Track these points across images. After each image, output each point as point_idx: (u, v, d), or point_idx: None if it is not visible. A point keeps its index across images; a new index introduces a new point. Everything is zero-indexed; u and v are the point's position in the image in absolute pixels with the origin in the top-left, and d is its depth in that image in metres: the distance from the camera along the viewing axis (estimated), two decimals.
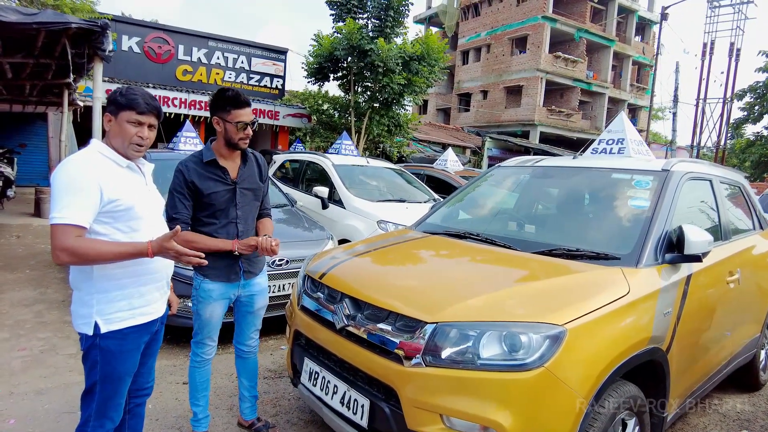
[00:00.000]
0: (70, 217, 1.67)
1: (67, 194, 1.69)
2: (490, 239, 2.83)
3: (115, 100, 1.85)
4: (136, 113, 1.84)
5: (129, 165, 1.90)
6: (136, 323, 1.89)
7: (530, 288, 2.23)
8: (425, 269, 2.63)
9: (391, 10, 14.31)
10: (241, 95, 2.42)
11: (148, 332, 1.98)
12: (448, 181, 8.72)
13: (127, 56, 14.35)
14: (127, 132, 1.85)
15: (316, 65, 14.91)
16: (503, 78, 28.66)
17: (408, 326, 2.05)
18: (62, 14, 4.21)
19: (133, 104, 1.83)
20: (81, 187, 1.70)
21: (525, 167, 3.69)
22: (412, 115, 16.94)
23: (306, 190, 7.12)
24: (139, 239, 1.83)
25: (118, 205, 1.79)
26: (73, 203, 1.68)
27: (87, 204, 1.71)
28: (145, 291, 1.93)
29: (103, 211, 1.77)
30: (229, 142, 2.45)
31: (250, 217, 2.60)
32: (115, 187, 1.78)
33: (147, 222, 1.90)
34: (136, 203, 1.85)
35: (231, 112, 2.40)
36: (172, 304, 2.22)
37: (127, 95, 1.85)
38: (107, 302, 1.82)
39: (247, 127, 2.42)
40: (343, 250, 3.03)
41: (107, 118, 1.88)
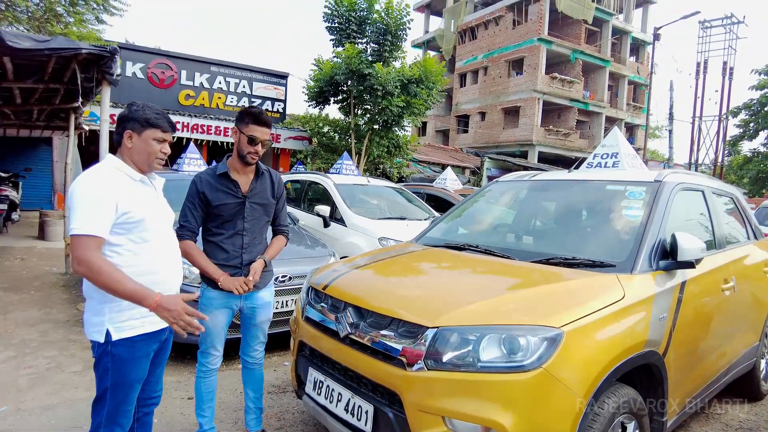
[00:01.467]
0: (90, 229, 1.75)
1: (86, 206, 1.77)
2: (489, 250, 2.90)
3: (140, 117, 1.96)
4: (162, 131, 1.98)
5: (142, 179, 1.99)
6: (145, 331, 1.95)
7: (528, 293, 2.29)
8: (426, 279, 2.70)
9: (389, 35, 14.62)
10: (264, 114, 2.57)
11: (157, 340, 2.05)
12: (447, 199, 8.83)
13: (131, 82, 14.62)
14: (153, 148, 1.98)
15: (316, 89, 15.19)
16: (501, 99, 29.05)
17: (410, 332, 2.11)
18: (73, 41, 4.37)
19: (159, 124, 1.97)
20: (99, 200, 1.79)
21: (522, 181, 3.78)
22: (411, 137, 17.16)
23: (308, 209, 7.22)
24: (149, 249, 1.93)
25: (131, 217, 1.87)
26: (92, 215, 1.76)
27: (104, 216, 1.79)
28: None
29: (117, 223, 1.85)
30: (239, 154, 2.56)
31: (257, 230, 2.69)
32: (129, 200, 1.87)
33: (157, 233, 1.98)
34: (147, 215, 1.93)
35: (248, 125, 2.53)
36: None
37: (149, 115, 1.97)
38: (118, 311, 1.89)
39: (258, 144, 2.53)
40: (346, 262, 3.10)
41: (128, 134, 1.97)
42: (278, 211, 2.83)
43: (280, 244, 2.85)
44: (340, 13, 14.69)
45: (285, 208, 2.90)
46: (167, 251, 2.05)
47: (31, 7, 10.23)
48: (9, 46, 4.07)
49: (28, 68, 5.22)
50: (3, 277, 6.88)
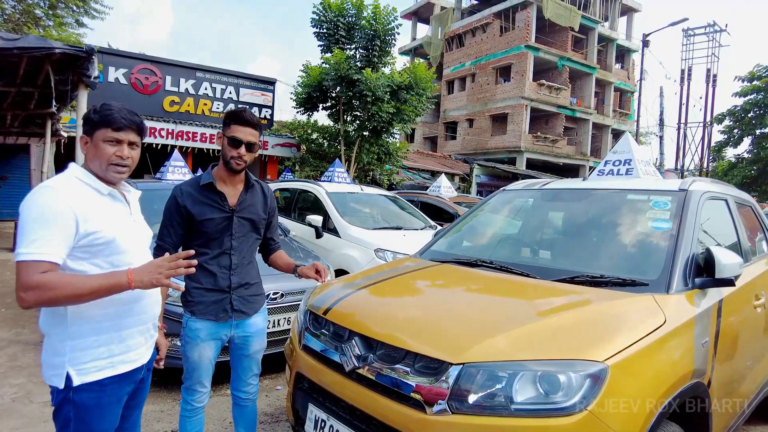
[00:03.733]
0: (40, 253, 1.43)
1: (36, 226, 1.45)
2: (505, 267, 2.63)
3: (89, 118, 1.64)
4: (112, 130, 1.62)
5: (111, 192, 1.67)
6: (116, 373, 1.63)
7: (561, 320, 2.01)
8: (441, 302, 2.41)
9: (378, 40, 14.40)
10: (247, 113, 2.24)
11: (131, 382, 1.72)
12: (442, 207, 8.57)
13: (113, 87, 14.17)
14: (104, 152, 1.62)
15: (304, 95, 14.91)
16: (489, 106, 29.01)
17: (429, 368, 1.82)
18: (45, 39, 4.04)
19: (108, 120, 1.61)
20: (53, 218, 1.46)
21: (532, 190, 3.53)
22: (401, 144, 16.93)
23: (298, 219, 6.90)
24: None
25: (97, 238, 1.55)
26: (43, 236, 1.44)
27: (60, 237, 1.47)
28: (127, 335, 1.67)
29: (78, 246, 1.53)
30: (223, 159, 2.26)
31: (246, 249, 2.37)
32: (93, 218, 1.55)
33: (131, 257, 1.66)
34: (117, 235, 1.61)
35: (230, 126, 2.22)
36: (160, 348, 1.97)
37: (102, 111, 1.63)
38: (82, 349, 1.56)
39: (242, 147, 2.21)
40: (347, 281, 2.81)
41: (83, 140, 1.66)
42: (273, 227, 2.53)
43: (285, 254, 2.59)
44: (329, 18, 14.44)
45: (277, 224, 2.60)
46: None
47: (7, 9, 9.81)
48: None
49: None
50: None
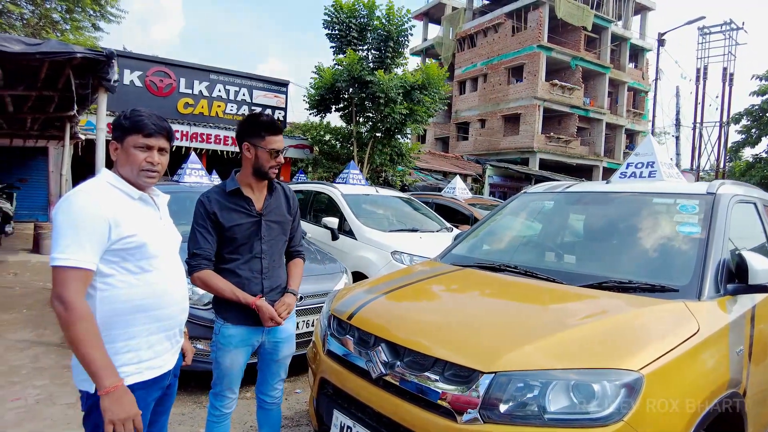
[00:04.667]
0: (75, 259, 1.45)
1: (71, 231, 1.47)
2: (530, 272, 2.60)
3: (120, 124, 1.64)
4: (143, 136, 1.64)
5: (142, 197, 1.68)
6: (143, 378, 1.63)
7: (592, 328, 1.98)
8: (468, 308, 2.37)
9: (391, 41, 14.39)
10: (276, 121, 2.28)
11: (159, 388, 1.72)
12: (458, 208, 8.53)
13: (128, 90, 14.31)
14: (136, 158, 1.64)
15: (317, 97, 14.93)
16: (501, 107, 28.87)
17: (460, 376, 1.80)
18: (67, 44, 4.07)
19: (140, 126, 1.63)
20: (87, 223, 1.48)
21: (554, 193, 3.48)
22: (413, 145, 16.90)
23: (314, 221, 6.90)
24: (149, 281, 1.62)
25: (129, 242, 1.56)
26: (77, 242, 1.46)
27: (93, 242, 1.49)
28: (155, 341, 1.67)
29: (110, 249, 1.54)
30: (258, 171, 2.26)
31: (276, 252, 2.38)
32: (125, 222, 1.56)
33: (161, 261, 1.67)
34: (149, 240, 1.62)
35: (265, 138, 2.22)
36: (186, 354, 1.96)
37: (132, 117, 1.64)
38: (111, 354, 1.55)
39: (279, 155, 2.26)
40: (370, 286, 2.79)
41: (113, 146, 1.67)
42: (294, 229, 2.52)
43: (301, 268, 2.53)
44: (341, 20, 14.46)
45: (300, 227, 2.59)
46: (172, 282, 1.72)
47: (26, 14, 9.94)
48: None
49: (20, 74, 4.92)
50: None
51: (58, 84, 4.96)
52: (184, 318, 1.81)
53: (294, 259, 2.54)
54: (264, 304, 2.21)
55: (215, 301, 2.32)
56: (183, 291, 1.79)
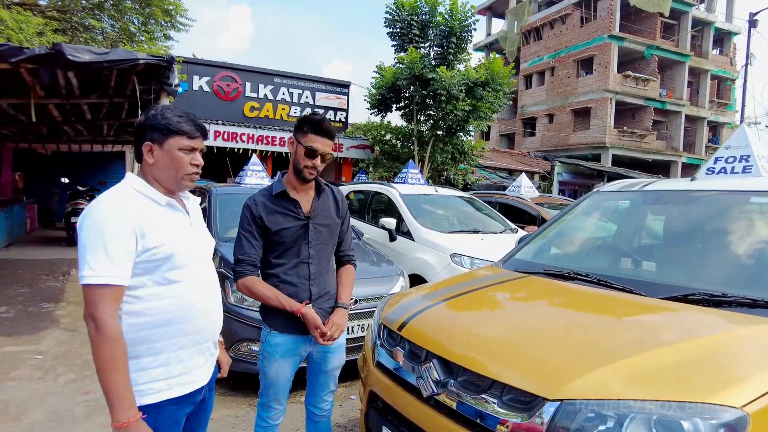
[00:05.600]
0: (105, 274, 1.36)
1: (99, 245, 1.37)
2: (604, 281, 2.31)
3: (159, 124, 1.53)
4: (188, 138, 1.55)
5: (169, 203, 1.57)
6: (173, 395, 1.53)
7: (680, 350, 1.69)
8: (532, 322, 2.13)
9: (453, 37, 14.10)
10: (326, 123, 2.14)
11: (191, 403, 1.62)
12: (523, 208, 8.13)
13: (197, 95, 14.97)
14: (181, 161, 1.54)
15: (378, 96, 14.91)
16: (570, 101, 27.64)
17: (521, 401, 1.58)
18: (131, 51, 4.22)
19: (184, 129, 1.54)
20: (115, 235, 1.38)
21: (630, 192, 3.14)
22: (477, 142, 16.48)
23: (372, 221, 6.81)
24: (178, 292, 1.51)
25: (155, 253, 1.46)
26: (107, 256, 1.37)
27: (123, 256, 1.39)
28: (185, 356, 1.56)
29: (137, 261, 1.44)
30: (295, 167, 2.15)
31: (324, 257, 2.26)
32: (152, 232, 1.46)
33: (190, 271, 1.56)
34: (177, 250, 1.51)
35: (307, 134, 2.12)
36: (222, 365, 1.85)
37: (171, 118, 1.53)
38: (138, 370, 1.47)
39: (317, 157, 2.11)
40: (424, 293, 2.61)
41: (147, 147, 1.55)
42: (343, 233, 2.38)
43: (352, 276, 2.38)
44: (402, 17, 14.35)
45: (350, 230, 2.44)
46: (203, 292, 1.61)
47: (107, 29, 10.57)
48: (69, 60, 3.94)
49: (93, 83, 5.16)
50: (74, 291, 6.95)
51: (126, 91, 5.17)
52: (216, 330, 1.70)
53: (345, 265, 2.40)
54: (309, 312, 2.09)
55: (262, 308, 2.24)
56: (214, 301, 1.67)
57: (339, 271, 2.39)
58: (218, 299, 1.70)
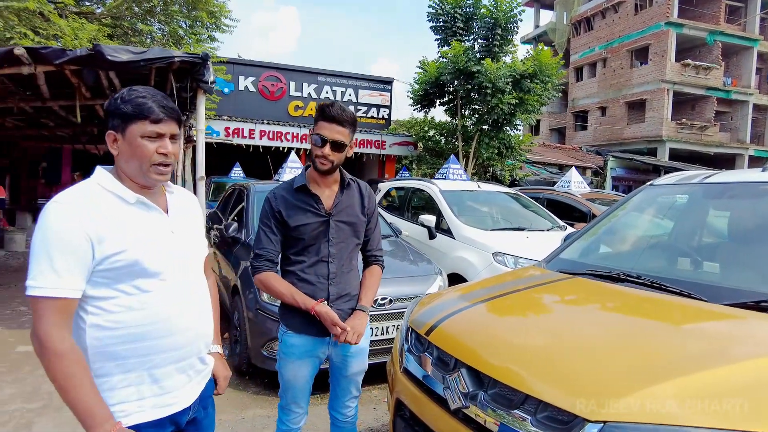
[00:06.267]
0: (48, 286, 1.20)
1: (43, 253, 1.21)
2: (658, 283, 2.06)
3: (118, 109, 1.31)
4: (151, 122, 1.31)
5: (140, 200, 1.36)
6: (146, 419, 1.33)
7: (752, 369, 1.44)
8: (575, 329, 1.91)
9: (499, 29, 13.68)
10: (335, 108, 1.97)
11: (173, 425, 1.43)
12: (573, 205, 7.72)
13: (243, 95, 15.25)
14: (144, 150, 1.32)
15: (421, 92, 14.69)
16: (623, 92, 26.42)
17: (557, 420, 1.39)
18: (167, 50, 4.25)
19: (145, 111, 1.30)
20: (62, 242, 1.21)
21: (689, 185, 2.83)
22: (524, 136, 15.96)
23: (412, 218, 6.64)
24: (151, 303, 1.32)
25: (117, 260, 1.26)
26: (51, 266, 1.20)
27: (71, 265, 1.22)
28: (161, 375, 1.36)
29: (97, 270, 1.26)
30: (311, 160, 2.03)
31: (346, 256, 2.12)
32: (111, 237, 1.26)
33: (165, 280, 1.36)
34: (144, 256, 1.30)
35: (317, 122, 1.99)
36: (218, 380, 1.65)
37: (133, 100, 1.31)
38: (107, 390, 1.29)
39: (326, 146, 1.96)
40: (457, 294, 2.43)
41: (110, 137, 1.34)
42: (370, 231, 2.22)
43: (377, 278, 2.22)
44: (445, 11, 14.07)
45: (378, 229, 2.28)
46: (182, 303, 1.40)
47: (156, 33, 10.89)
48: (109, 60, 4.00)
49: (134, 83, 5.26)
50: None
51: (165, 90, 5.24)
52: (202, 346, 1.48)
53: (370, 266, 2.25)
54: (324, 309, 1.96)
55: (280, 306, 2.13)
56: (199, 313, 1.46)
57: (364, 272, 2.24)
58: (205, 310, 1.50)
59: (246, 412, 3.46)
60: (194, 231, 1.54)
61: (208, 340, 1.52)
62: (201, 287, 1.51)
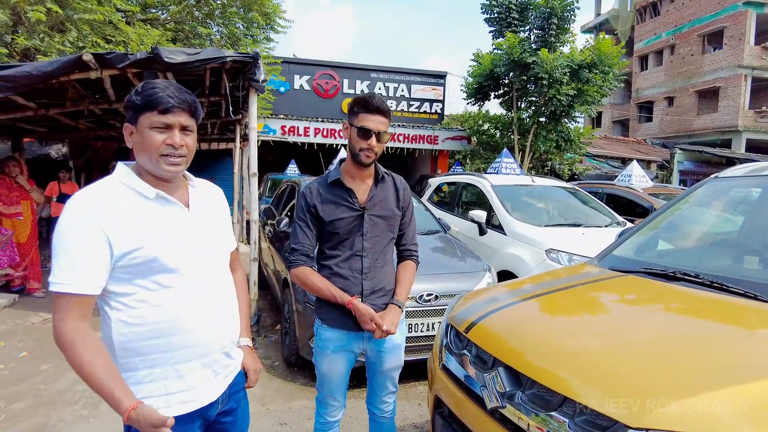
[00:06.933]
0: (67, 282, 1.23)
1: (61, 250, 1.24)
2: (717, 283, 1.91)
3: (131, 102, 1.32)
4: (159, 113, 1.31)
5: (159, 195, 1.36)
6: (173, 414, 1.32)
7: None
8: (620, 330, 1.79)
9: (555, 18, 13.19)
10: (376, 99, 1.97)
11: (201, 418, 1.45)
12: (634, 200, 7.35)
13: (298, 94, 15.55)
14: (152, 141, 1.31)
15: (475, 85, 14.41)
16: (693, 81, 24.82)
17: (595, 425, 1.32)
18: (219, 50, 4.39)
19: (154, 101, 1.30)
20: (78, 240, 1.23)
21: (763, 177, 2.61)
22: (584, 129, 15.32)
23: (462, 214, 6.54)
24: (171, 298, 1.33)
25: (135, 257, 1.28)
26: (69, 263, 1.23)
27: (88, 262, 1.24)
28: (185, 370, 1.38)
29: (117, 267, 1.28)
30: (352, 153, 2.02)
31: (379, 250, 2.11)
32: (129, 234, 1.28)
33: (185, 275, 1.36)
34: (162, 252, 1.31)
35: (358, 115, 1.98)
36: (248, 373, 1.64)
37: (144, 91, 1.31)
38: (134, 383, 1.32)
39: (372, 138, 1.96)
40: (499, 292, 2.36)
41: (127, 129, 1.36)
42: (404, 225, 2.20)
43: (411, 274, 2.19)
44: (500, 2, 13.72)
45: (413, 223, 2.25)
46: (202, 299, 1.40)
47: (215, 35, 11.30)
48: (166, 62, 4.19)
49: (191, 84, 5.48)
50: None
51: (221, 89, 5.43)
52: (225, 341, 1.48)
53: (405, 261, 2.22)
54: (360, 304, 1.96)
55: (316, 300, 2.15)
56: (215, 310, 1.44)
57: (398, 266, 2.22)
58: (223, 307, 1.48)
59: (293, 403, 3.53)
60: (218, 225, 1.53)
61: (231, 335, 1.52)
62: (219, 283, 1.49)
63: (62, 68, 4.22)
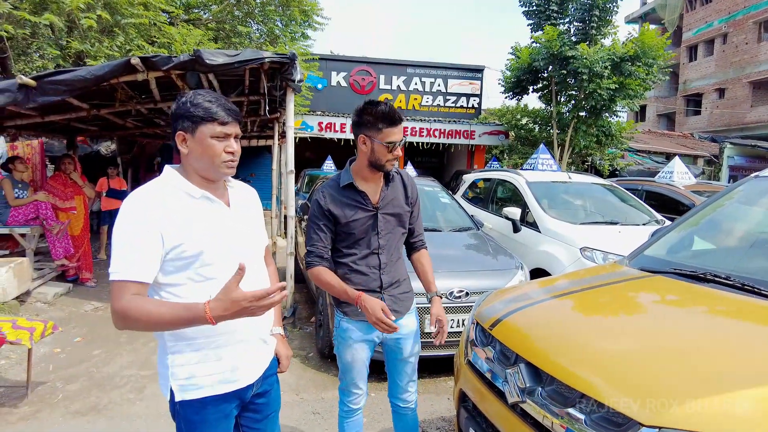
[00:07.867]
0: (127, 272, 1.37)
1: (119, 245, 1.39)
2: (750, 285, 1.88)
3: (188, 112, 1.47)
4: (219, 124, 1.46)
5: (204, 195, 1.51)
6: (215, 393, 1.51)
7: None
8: (639, 331, 1.81)
9: (596, 9, 12.83)
10: (396, 111, 2.07)
11: (238, 398, 1.60)
12: (675, 197, 7.13)
13: (335, 90, 15.73)
14: (214, 150, 1.47)
15: (513, 79, 14.20)
16: (747, 71, 23.65)
17: (611, 422, 1.35)
18: (258, 51, 4.53)
19: (213, 114, 1.46)
20: (137, 235, 1.39)
21: None
22: (627, 123, 14.86)
23: (497, 211, 6.52)
24: (214, 288, 1.37)
25: (184, 251, 1.43)
26: (126, 257, 1.38)
27: (145, 255, 1.39)
28: (225, 354, 1.53)
29: (167, 259, 1.43)
30: (374, 164, 2.11)
31: (393, 246, 2.24)
32: (179, 230, 1.43)
33: (225, 267, 1.47)
34: (206, 247, 1.46)
35: (382, 131, 2.04)
36: (280, 359, 1.80)
37: (202, 104, 1.46)
38: (181, 365, 1.48)
39: (397, 147, 2.07)
40: (525, 290, 2.40)
41: (180, 137, 1.50)
42: (414, 219, 2.33)
43: (429, 260, 2.37)
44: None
45: (420, 216, 2.40)
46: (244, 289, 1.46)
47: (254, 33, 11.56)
48: (207, 63, 4.37)
49: (231, 84, 5.68)
50: None
51: (259, 89, 5.60)
52: (261, 329, 1.63)
53: (419, 251, 2.37)
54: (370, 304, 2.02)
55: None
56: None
57: (414, 258, 2.37)
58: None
59: (326, 393, 3.65)
60: (254, 222, 1.68)
61: (267, 323, 1.66)
62: (257, 275, 1.61)
63: (112, 71, 4.47)
